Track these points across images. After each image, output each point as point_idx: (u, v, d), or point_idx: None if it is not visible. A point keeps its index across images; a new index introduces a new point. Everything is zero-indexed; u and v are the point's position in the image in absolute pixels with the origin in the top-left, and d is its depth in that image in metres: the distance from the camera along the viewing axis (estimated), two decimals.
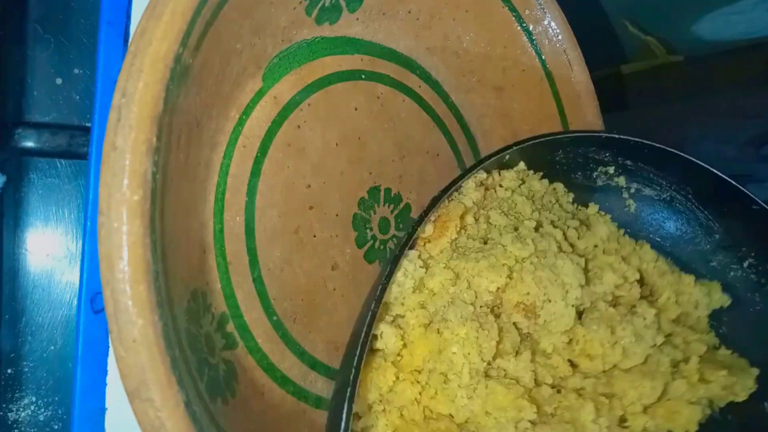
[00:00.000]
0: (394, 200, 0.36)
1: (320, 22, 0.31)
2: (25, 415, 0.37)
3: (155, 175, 0.21)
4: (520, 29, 0.37)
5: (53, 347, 0.38)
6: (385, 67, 0.36)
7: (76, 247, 0.39)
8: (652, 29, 0.55)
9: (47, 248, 0.39)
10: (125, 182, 0.20)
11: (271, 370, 0.30)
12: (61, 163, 0.39)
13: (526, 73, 0.38)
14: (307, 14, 0.31)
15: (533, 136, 0.31)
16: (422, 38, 0.37)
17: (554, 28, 0.37)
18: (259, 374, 0.29)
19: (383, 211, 0.35)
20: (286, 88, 0.31)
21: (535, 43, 0.37)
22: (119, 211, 0.20)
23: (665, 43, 0.56)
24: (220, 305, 0.28)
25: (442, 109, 0.40)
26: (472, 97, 0.40)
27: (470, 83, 0.39)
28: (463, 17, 0.36)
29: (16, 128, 0.38)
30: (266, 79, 0.30)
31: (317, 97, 0.33)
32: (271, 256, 0.30)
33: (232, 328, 0.28)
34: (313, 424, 0.31)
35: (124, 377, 0.20)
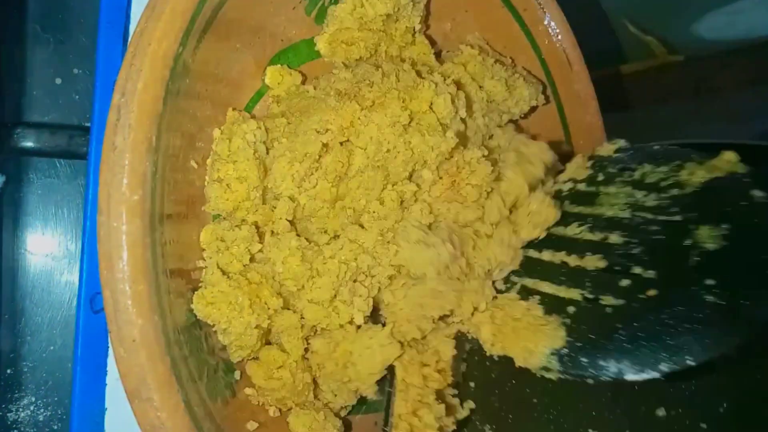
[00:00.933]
0: None
1: (320, 21, 0.31)
2: (24, 415, 0.37)
3: (155, 174, 0.21)
4: (519, 29, 0.37)
5: (53, 347, 0.38)
6: None
7: (75, 247, 0.39)
8: (652, 29, 0.55)
9: (46, 248, 0.39)
10: (125, 182, 0.20)
11: None
12: (60, 162, 0.39)
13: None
14: (306, 14, 0.31)
15: None
16: None
17: (554, 27, 0.37)
18: None
19: None
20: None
21: (534, 42, 0.37)
22: (119, 210, 0.20)
23: (665, 43, 0.56)
24: None
25: None
26: None
27: None
28: (462, 17, 0.36)
29: (15, 128, 0.38)
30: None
31: None
32: None
33: None
34: None
35: (123, 377, 0.20)
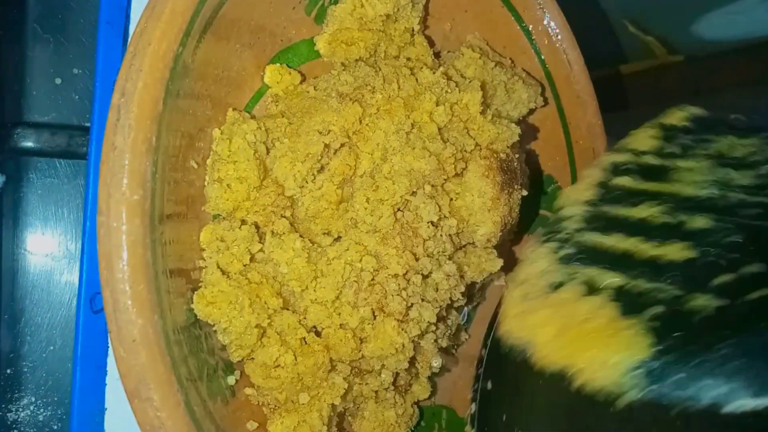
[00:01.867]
0: None
1: (320, 21, 0.31)
2: (24, 415, 0.37)
3: (155, 174, 0.21)
4: (519, 29, 0.37)
5: (53, 347, 0.38)
6: None
7: (75, 247, 0.39)
8: (652, 29, 0.55)
9: (46, 248, 0.39)
10: (125, 182, 0.20)
11: None
12: (60, 162, 0.39)
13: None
14: (306, 14, 0.31)
15: None
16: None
17: (554, 27, 0.37)
18: None
19: None
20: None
21: (534, 42, 0.37)
22: (119, 210, 0.20)
23: (665, 43, 0.56)
24: None
25: None
26: None
27: None
28: (462, 17, 0.36)
29: (15, 128, 0.38)
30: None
31: None
32: None
33: None
34: None
35: (123, 377, 0.20)
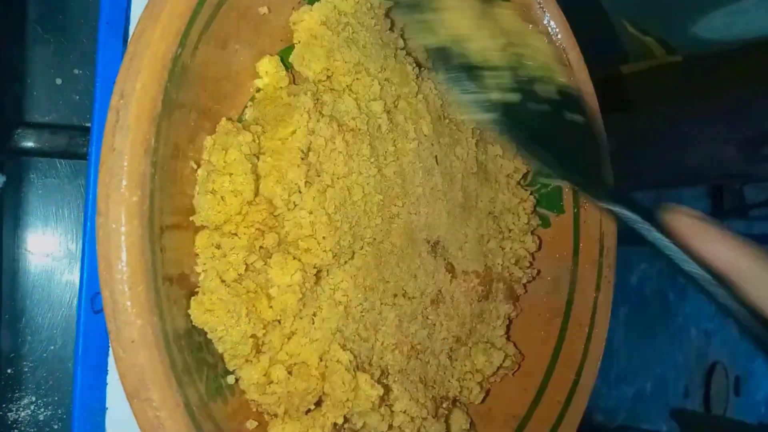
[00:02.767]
0: None
1: None
2: (24, 414, 0.37)
3: (153, 175, 0.21)
4: None
5: (53, 347, 0.38)
6: None
7: (75, 247, 0.39)
8: (651, 29, 0.55)
9: (47, 248, 0.39)
10: (123, 183, 0.20)
11: None
12: (60, 163, 0.39)
13: None
14: None
15: None
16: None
17: (554, 27, 0.37)
18: None
19: None
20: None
21: None
22: (118, 211, 0.20)
23: (665, 43, 0.56)
24: None
25: None
26: None
27: None
28: None
29: (16, 128, 0.38)
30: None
31: None
32: None
33: None
34: None
35: (122, 377, 0.20)
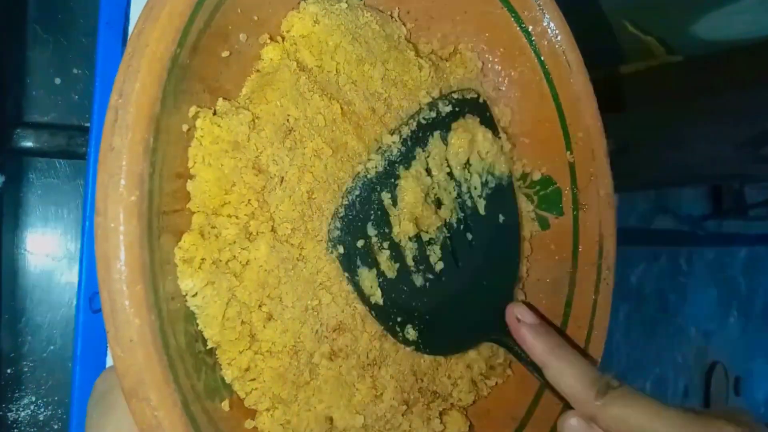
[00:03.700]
0: None
1: None
2: (24, 414, 0.37)
3: (152, 175, 0.21)
4: (518, 30, 0.37)
5: (53, 347, 0.38)
6: None
7: (75, 246, 0.39)
8: (651, 29, 0.55)
9: (46, 248, 0.39)
10: (122, 183, 0.20)
11: None
12: (60, 163, 0.39)
13: (524, 74, 0.38)
14: None
15: None
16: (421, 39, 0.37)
17: (553, 28, 0.37)
18: None
19: None
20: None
21: (534, 43, 0.37)
22: (116, 211, 0.20)
23: (664, 43, 0.56)
24: None
25: None
26: None
27: None
28: (462, 18, 0.36)
29: (15, 128, 0.38)
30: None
31: None
32: None
33: None
34: None
35: (121, 377, 0.20)
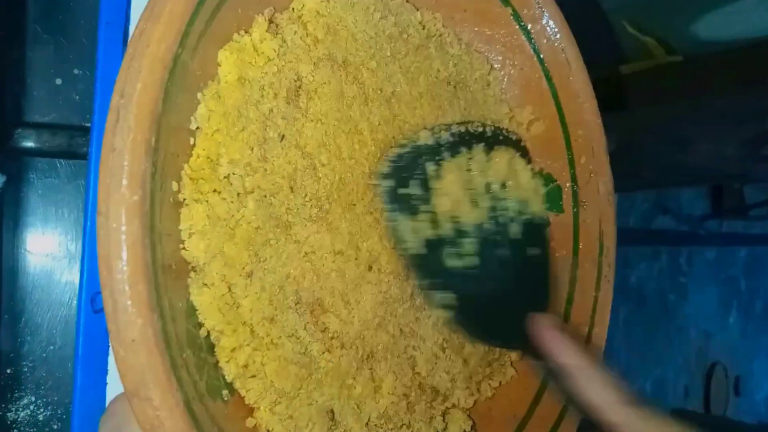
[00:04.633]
0: None
1: None
2: (24, 414, 0.37)
3: (154, 175, 0.21)
4: (518, 28, 0.37)
5: (53, 347, 0.38)
6: None
7: (75, 246, 0.39)
8: (650, 29, 0.55)
9: (47, 248, 0.39)
10: (124, 183, 0.20)
11: None
12: (60, 163, 0.39)
13: (524, 72, 0.38)
14: None
15: None
16: None
17: (552, 27, 0.37)
18: None
19: None
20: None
21: (533, 41, 0.37)
22: (118, 211, 0.20)
23: (664, 43, 0.56)
24: None
25: None
26: None
27: None
28: (461, 16, 0.36)
29: (15, 128, 0.38)
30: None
31: None
32: None
33: None
34: None
35: (123, 377, 0.20)
